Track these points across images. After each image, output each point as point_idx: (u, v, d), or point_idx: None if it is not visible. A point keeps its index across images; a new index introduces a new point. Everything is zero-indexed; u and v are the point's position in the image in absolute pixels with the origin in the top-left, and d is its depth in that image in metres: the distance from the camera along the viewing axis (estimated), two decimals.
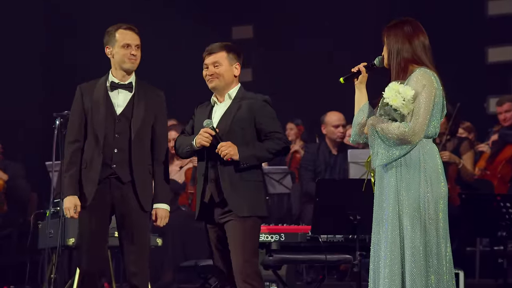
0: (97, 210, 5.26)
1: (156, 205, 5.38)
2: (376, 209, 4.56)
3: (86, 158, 5.30)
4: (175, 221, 8.77)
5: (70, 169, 5.30)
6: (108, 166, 5.27)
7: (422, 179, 4.45)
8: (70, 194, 5.27)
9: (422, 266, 4.39)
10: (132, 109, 5.33)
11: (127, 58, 5.33)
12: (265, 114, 5.20)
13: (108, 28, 5.41)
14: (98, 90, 5.35)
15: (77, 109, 5.37)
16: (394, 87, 4.43)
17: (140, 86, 5.41)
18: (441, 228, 4.44)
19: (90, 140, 5.30)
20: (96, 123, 5.28)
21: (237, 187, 5.11)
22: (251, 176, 5.16)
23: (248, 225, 5.11)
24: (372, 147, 4.55)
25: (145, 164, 5.34)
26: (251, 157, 5.10)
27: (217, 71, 5.24)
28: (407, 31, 4.55)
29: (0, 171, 9.44)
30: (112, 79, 5.37)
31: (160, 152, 5.40)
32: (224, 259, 5.21)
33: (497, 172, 8.63)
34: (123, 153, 5.28)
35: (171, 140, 9.06)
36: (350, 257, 6.55)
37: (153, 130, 5.38)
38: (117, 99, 5.35)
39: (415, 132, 4.41)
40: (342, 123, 8.83)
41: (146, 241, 5.37)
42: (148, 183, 5.34)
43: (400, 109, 4.42)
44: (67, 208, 5.27)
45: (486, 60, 10.93)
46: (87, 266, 5.27)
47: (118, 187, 5.28)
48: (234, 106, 5.20)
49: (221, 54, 5.27)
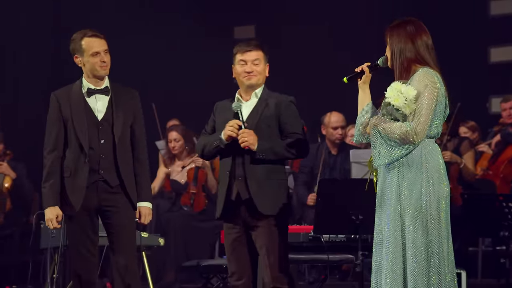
0: (85, 216, 5.28)
1: (139, 204, 5.39)
2: (378, 209, 4.56)
3: (70, 166, 5.27)
4: (177, 221, 8.79)
5: (50, 179, 5.28)
6: (96, 172, 5.27)
7: (424, 179, 4.45)
8: (51, 205, 5.26)
9: (424, 266, 4.38)
10: (112, 113, 5.32)
11: (99, 66, 5.31)
12: (290, 113, 5.21)
13: (73, 36, 5.37)
14: (75, 97, 5.33)
15: (54, 117, 5.35)
16: (396, 87, 4.43)
17: (115, 89, 5.40)
18: (443, 228, 4.44)
19: (73, 148, 5.28)
20: (79, 131, 5.26)
21: (263, 186, 5.11)
22: (276, 175, 5.17)
23: (279, 225, 5.12)
24: (374, 147, 4.55)
25: (129, 164, 5.35)
26: (268, 150, 5.09)
27: (258, 69, 5.23)
28: (410, 31, 4.55)
29: (10, 169, 9.46)
30: (88, 86, 5.35)
31: (141, 151, 5.41)
32: (239, 261, 5.18)
33: (500, 172, 8.63)
34: (109, 158, 5.28)
35: (172, 140, 9.08)
36: (352, 257, 6.55)
37: (132, 130, 5.39)
38: (96, 104, 5.34)
39: (417, 132, 4.41)
40: (342, 124, 8.82)
41: (135, 239, 5.40)
42: (133, 183, 5.36)
43: (402, 109, 4.42)
44: (49, 219, 5.26)
45: (488, 60, 10.92)
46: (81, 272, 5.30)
47: (105, 190, 5.29)
48: (261, 105, 5.20)
49: (259, 52, 5.26)
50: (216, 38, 11.16)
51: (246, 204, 5.13)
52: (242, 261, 5.17)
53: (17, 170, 9.52)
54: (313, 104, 9.92)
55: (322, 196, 6.12)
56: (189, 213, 8.88)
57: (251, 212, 5.12)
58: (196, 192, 8.93)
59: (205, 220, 8.83)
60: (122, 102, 5.37)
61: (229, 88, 5.43)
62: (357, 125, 4.68)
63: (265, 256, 5.09)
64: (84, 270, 5.28)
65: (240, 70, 5.25)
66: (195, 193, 8.93)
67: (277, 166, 5.18)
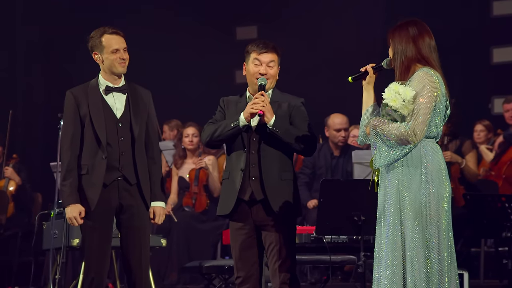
0: (101, 214, 5.26)
1: (153, 203, 5.37)
2: (379, 210, 4.56)
3: (87, 163, 5.26)
4: (180, 222, 8.79)
5: (69, 177, 5.26)
6: (116, 169, 5.26)
7: (423, 179, 4.44)
8: (72, 203, 5.25)
9: (423, 267, 4.38)
10: (130, 111, 5.33)
11: (118, 63, 5.31)
12: (299, 114, 5.14)
13: (92, 33, 5.36)
14: (92, 95, 5.33)
15: (72, 115, 5.32)
16: (393, 88, 4.43)
17: (131, 87, 5.42)
18: (444, 229, 4.43)
19: (91, 145, 5.27)
20: (98, 128, 5.26)
21: (277, 186, 5.06)
22: (288, 175, 5.11)
23: (290, 226, 5.10)
24: (373, 147, 4.55)
25: (144, 164, 5.36)
26: (282, 128, 5.01)
27: (271, 72, 5.16)
28: (412, 32, 4.54)
29: (15, 174, 9.48)
30: (106, 83, 5.36)
31: (154, 151, 5.42)
32: (247, 264, 5.12)
33: (502, 172, 8.63)
34: (127, 156, 5.29)
35: (189, 135, 9.07)
36: (354, 257, 6.54)
37: (146, 130, 5.40)
38: (114, 102, 5.35)
39: (415, 132, 4.40)
40: (344, 126, 8.80)
41: (148, 240, 5.39)
42: (148, 182, 5.36)
43: (400, 110, 4.42)
44: (71, 217, 5.22)
45: (491, 60, 10.91)
46: (95, 270, 5.26)
47: (126, 189, 5.29)
48: (273, 105, 5.11)
49: (275, 55, 5.20)
50: (218, 39, 11.17)
51: (260, 204, 5.09)
52: (250, 265, 5.12)
53: (20, 174, 9.55)
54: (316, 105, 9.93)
55: (324, 197, 6.12)
56: (191, 214, 8.88)
57: (263, 212, 5.08)
58: (197, 193, 8.93)
59: (207, 220, 8.84)
60: (138, 101, 5.39)
61: (231, 89, 5.42)
62: (361, 126, 4.68)
63: (274, 255, 5.06)
64: (98, 269, 5.26)
65: (254, 70, 5.15)
66: (197, 194, 8.93)
67: (289, 167, 5.13)
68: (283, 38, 11.31)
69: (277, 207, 5.04)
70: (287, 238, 5.07)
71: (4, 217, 9.45)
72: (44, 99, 11.41)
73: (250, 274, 5.12)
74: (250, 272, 5.12)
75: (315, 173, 8.86)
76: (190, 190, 8.93)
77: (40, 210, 8.75)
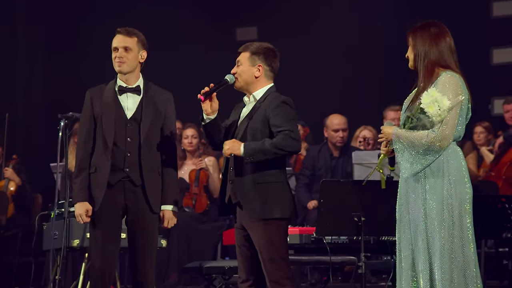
0: (106, 213, 5.27)
1: (163, 207, 5.39)
2: (403, 213, 4.54)
3: (95, 162, 5.30)
4: (180, 223, 8.78)
5: (80, 174, 5.31)
6: (121, 170, 5.27)
7: (445, 182, 4.44)
8: (80, 200, 5.27)
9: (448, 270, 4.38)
10: (141, 112, 5.33)
11: (115, 62, 5.35)
12: (277, 112, 5.07)
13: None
14: (107, 95, 5.36)
15: (87, 114, 5.37)
16: (432, 94, 4.39)
17: (148, 89, 5.42)
18: (467, 231, 4.44)
19: (100, 144, 5.30)
20: (106, 128, 5.28)
21: (252, 190, 5.03)
22: (267, 177, 5.07)
23: (269, 229, 5.02)
24: (398, 157, 4.52)
25: (155, 166, 5.34)
26: (256, 151, 4.97)
27: (237, 70, 5.25)
28: (434, 33, 4.53)
29: (15, 175, 9.48)
30: (120, 83, 5.38)
31: (169, 154, 5.41)
32: (244, 262, 5.14)
33: (502, 173, 8.63)
34: (134, 157, 5.29)
35: (189, 136, 9.08)
36: (354, 258, 6.54)
37: (162, 132, 5.38)
38: (127, 102, 5.37)
39: (444, 137, 4.40)
40: (343, 127, 8.80)
41: (155, 243, 5.41)
42: (157, 185, 5.35)
43: (433, 117, 4.39)
44: (78, 214, 5.26)
45: (491, 61, 10.91)
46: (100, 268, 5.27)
47: (131, 190, 5.30)
48: (254, 107, 5.15)
49: (243, 54, 5.26)
50: (218, 40, 11.17)
51: (240, 208, 5.11)
52: (247, 263, 5.14)
53: (20, 174, 9.55)
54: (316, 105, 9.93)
55: (324, 198, 6.11)
56: (191, 215, 8.88)
57: (243, 215, 5.10)
58: (198, 193, 8.93)
59: (207, 221, 8.83)
60: (153, 102, 5.38)
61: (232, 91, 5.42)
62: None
63: (261, 259, 5.07)
64: (100, 266, 5.27)
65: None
66: (197, 194, 8.92)
67: (270, 169, 5.08)
68: (283, 39, 11.33)
69: (251, 210, 5.03)
70: (269, 240, 5.01)
71: (4, 217, 9.45)
72: (44, 99, 11.40)
73: (248, 274, 5.13)
74: (248, 273, 5.13)
75: (315, 174, 8.86)
76: (190, 191, 8.93)
77: (40, 210, 8.75)
